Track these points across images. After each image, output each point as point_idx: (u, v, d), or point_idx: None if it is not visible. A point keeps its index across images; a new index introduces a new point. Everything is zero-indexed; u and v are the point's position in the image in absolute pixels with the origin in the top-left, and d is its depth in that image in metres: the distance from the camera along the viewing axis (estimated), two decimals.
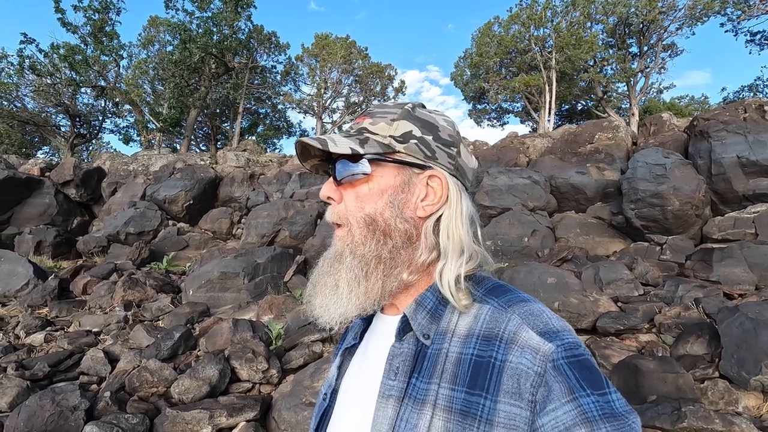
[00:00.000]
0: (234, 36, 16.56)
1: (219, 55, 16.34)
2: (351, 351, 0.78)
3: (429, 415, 0.58)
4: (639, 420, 0.53)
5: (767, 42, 17.26)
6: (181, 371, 3.86)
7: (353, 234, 0.68)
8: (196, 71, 16.49)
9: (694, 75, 51.64)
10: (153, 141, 18.98)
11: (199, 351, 4.47)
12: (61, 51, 15.73)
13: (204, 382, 3.56)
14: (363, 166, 0.67)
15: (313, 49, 20.54)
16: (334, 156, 0.73)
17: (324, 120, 21.76)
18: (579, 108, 21.89)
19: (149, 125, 18.16)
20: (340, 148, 0.65)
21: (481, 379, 0.57)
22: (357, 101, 22.04)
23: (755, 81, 19.46)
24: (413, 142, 0.68)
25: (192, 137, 19.24)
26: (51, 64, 16.01)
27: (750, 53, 18.04)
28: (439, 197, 0.68)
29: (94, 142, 22.58)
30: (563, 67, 17.08)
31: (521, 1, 18.09)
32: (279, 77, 21.43)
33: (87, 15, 16.05)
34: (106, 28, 16.39)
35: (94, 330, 5.37)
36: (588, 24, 17.50)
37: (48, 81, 16.16)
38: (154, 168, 12.94)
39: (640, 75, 17.45)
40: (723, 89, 27.82)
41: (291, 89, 21.89)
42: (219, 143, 21.05)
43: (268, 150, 20.85)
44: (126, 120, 21.22)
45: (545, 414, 0.53)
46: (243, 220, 10.44)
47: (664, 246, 7.03)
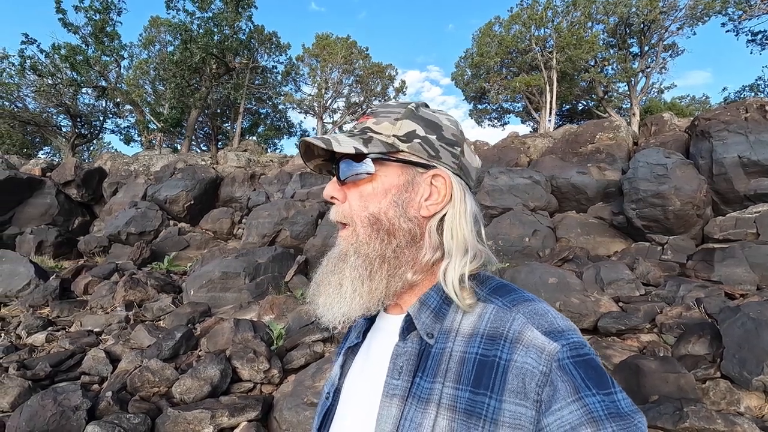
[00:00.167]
0: (235, 36, 16.57)
1: (220, 56, 16.35)
2: (354, 350, 0.77)
3: (433, 415, 0.58)
4: (645, 420, 0.53)
5: None
6: (183, 371, 3.86)
7: (357, 233, 0.68)
8: (196, 71, 16.51)
9: (695, 75, 51.63)
10: (154, 141, 19.00)
11: (201, 351, 4.48)
12: (63, 51, 15.74)
13: (205, 382, 3.57)
14: (367, 165, 0.67)
15: (314, 50, 20.55)
16: (337, 156, 0.74)
17: (325, 120, 21.78)
18: (580, 108, 21.87)
19: (150, 125, 18.18)
20: (344, 147, 0.65)
21: (486, 379, 0.57)
22: (358, 101, 22.05)
23: (756, 81, 19.46)
24: (417, 141, 0.68)
25: (193, 137, 19.25)
26: (52, 64, 16.03)
27: (751, 53, 18.07)
28: (443, 196, 0.68)
29: (95, 142, 22.60)
30: (564, 67, 17.07)
31: (522, 1, 18.09)
32: (280, 77, 21.46)
33: (88, 15, 16.07)
34: (107, 28, 16.41)
35: (95, 330, 5.38)
36: (589, 24, 17.49)
37: (49, 81, 16.18)
38: (155, 168, 12.95)
39: (641, 75, 17.44)
40: (724, 89, 27.75)
41: (292, 89, 21.93)
42: (220, 143, 21.06)
43: (268, 150, 20.86)
44: (127, 120, 21.27)
45: (551, 413, 0.53)
46: (244, 220, 10.44)
47: (665, 246, 7.02)
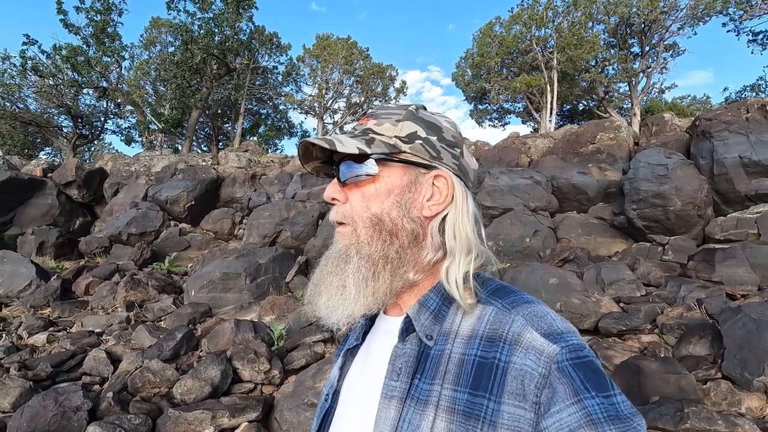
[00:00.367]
0: (235, 37, 16.59)
1: (220, 56, 16.37)
2: (353, 352, 0.77)
3: (432, 416, 0.58)
4: (644, 422, 0.53)
5: None
6: (184, 372, 3.86)
7: (358, 233, 0.68)
8: (197, 72, 16.53)
9: (695, 75, 51.57)
10: (155, 142, 19.02)
11: (201, 351, 4.48)
12: (64, 52, 15.77)
13: (206, 382, 3.57)
14: (370, 166, 0.67)
15: (315, 50, 20.57)
16: (336, 158, 0.74)
17: (325, 121, 21.80)
18: (580, 108, 21.86)
19: (151, 126, 18.21)
20: (347, 148, 0.65)
21: (485, 381, 0.57)
22: (358, 102, 22.06)
23: (757, 81, 19.43)
24: (418, 142, 0.68)
25: (194, 138, 19.28)
26: (53, 65, 16.06)
27: (752, 53, 18.11)
28: (445, 197, 0.68)
29: (96, 143, 22.65)
30: (565, 68, 17.06)
31: (522, 2, 18.09)
32: (280, 78, 21.48)
33: (89, 16, 16.09)
34: (108, 29, 16.43)
35: (96, 330, 5.38)
36: (589, 24, 17.49)
37: (50, 82, 16.21)
38: (155, 169, 12.96)
39: (641, 75, 17.43)
40: (725, 89, 27.83)
41: (292, 90, 21.95)
42: (220, 144, 21.10)
43: (269, 151, 20.86)
44: (128, 121, 21.29)
45: (549, 416, 0.53)
46: (244, 220, 10.45)
47: (666, 246, 7.00)
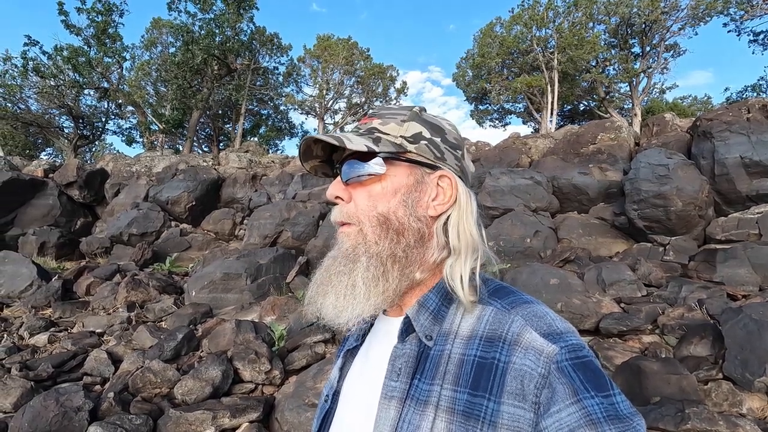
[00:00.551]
0: (236, 37, 16.62)
1: (221, 57, 16.39)
2: (353, 352, 0.78)
3: (431, 417, 0.58)
4: (644, 422, 0.53)
5: None
6: (184, 372, 3.87)
7: (365, 233, 0.67)
8: (198, 73, 16.56)
9: (696, 75, 51.55)
10: (156, 142, 19.06)
11: (202, 352, 4.48)
12: (65, 53, 15.81)
13: (207, 382, 3.57)
14: (377, 165, 0.67)
15: (315, 51, 20.59)
16: (335, 157, 0.74)
17: (326, 121, 21.81)
18: (581, 108, 21.86)
19: (152, 127, 18.24)
20: (355, 145, 0.65)
21: (484, 381, 0.57)
22: (359, 102, 22.08)
23: (758, 81, 19.39)
24: (423, 143, 0.69)
25: (194, 138, 19.30)
26: (54, 66, 16.09)
27: (753, 53, 18.10)
28: (449, 197, 0.69)
29: (97, 143, 22.70)
30: (565, 68, 17.07)
31: (523, 2, 18.09)
32: (281, 78, 21.51)
33: (90, 17, 16.13)
34: (109, 30, 16.47)
35: (97, 331, 5.39)
36: (590, 24, 17.49)
37: (51, 83, 16.24)
38: (156, 169, 12.97)
39: (642, 75, 17.43)
40: (726, 89, 27.79)
41: (293, 90, 21.98)
42: (221, 144, 21.13)
43: (270, 151, 20.90)
44: (129, 121, 21.33)
45: (549, 416, 0.53)
46: (245, 221, 10.46)
47: (667, 247, 6.99)
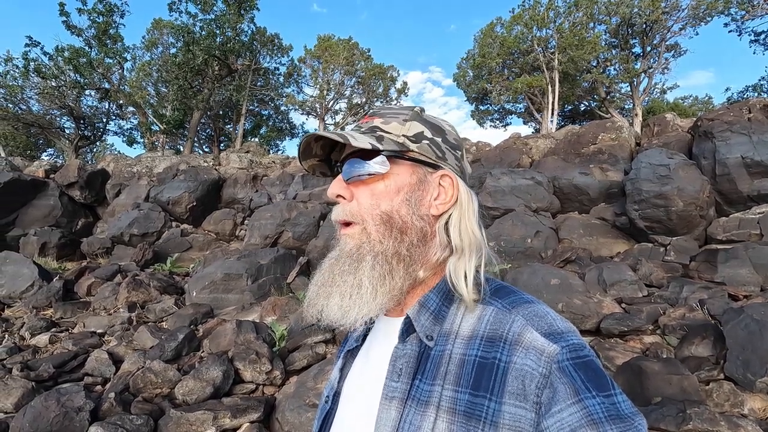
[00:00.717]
0: (237, 38, 16.63)
1: (222, 58, 16.40)
2: (353, 353, 0.77)
3: (432, 417, 0.58)
4: (645, 422, 0.53)
5: None
6: (185, 372, 3.87)
7: (369, 232, 0.67)
8: (199, 73, 16.57)
9: (697, 75, 51.50)
10: (156, 143, 19.08)
11: (203, 352, 4.49)
12: (66, 54, 15.83)
13: (208, 383, 3.57)
14: (380, 163, 0.67)
15: (316, 51, 20.61)
16: (334, 157, 0.75)
17: (327, 121, 21.82)
18: (582, 109, 21.84)
19: (153, 127, 18.26)
20: (360, 143, 0.64)
21: (486, 381, 0.57)
22: (359, 102, 22.09)
23: (760, 81, 19.35)
24: (425, 142, 0.69)
25: (195, 139, 19.33)
26: (55, 66, 16.12)
27: (754, 53, 18.04)
28: (451, 196, 0.69)
29: (98, 144, 22.73)
30: (566, 68, 17.06)
31: (524, 2, 18.08)
32: (282, 79, 21.52)
33: (91, 18, 16.15)
34: (110, 30, 16.49)
35: (98, 331, 5.40)
36: (591, 24, 17.48)
37: (53, 83, 16.27)
38: (157, 170, 12.99)
39: (643, 75, 17.41)
40: (727, 89, 27.74)
41: (294, 91, 22.00)
42: (222, 145, 21.14)
43: (270, 151, 20.90)
44: (130, 122, 21.36)
45: (550, 416, 0.53)
46: (246, 221, 10.47)
47: (668, 247, 6.98)
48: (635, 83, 17.36)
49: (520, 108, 21.84)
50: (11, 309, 6.34)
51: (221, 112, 20.86)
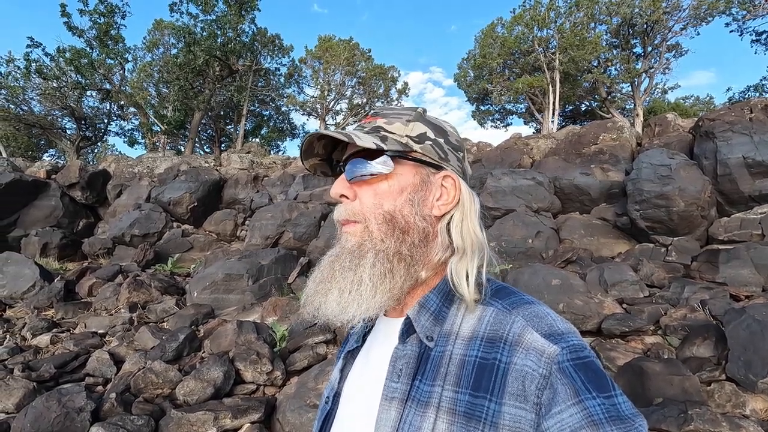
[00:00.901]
0: (238, 39, 16.65)
1: (223, 58, 16.43)
2: (353, 354, 0.77)
3: (433, 418, 0.58)
4: (645, 423, 0.53)
5: None
6: (186, 373, 3.87)
7: (371, 230, 0.67)
8: (200, 74, 16.60)
9: (698, 75, 51.44)
10: (158, 143, 19.11)
11: (204, 352, 4.49)
12: (67, 55, 15.87)
13: (209, 383, 3.57)
14: (384, 163, 0.67)
15: (317, 52, 20.62)
16: (335, 157, 0.75)
17: (327, 122, 21.82)
18: (583, 109, 21.82)
19: (154, 128, 18.28)
20: (365, 143, 0.64)
21: (486, 381, 0.57)
22: (360, 103, 22.10)
23: (761, 81, 19.30)
24: (428, 143, 0.69)
25: (196, 139, 19.35)
26: (57, 67, 16.16)
27: (755, 53, 17.98)
28: (453, 197, 0.69)
29: (99, 144, 22.76)
30: (567, 68, 17.03)
31: (525, 2, 18.07)
32: (283, 79, 21.54)
33: (92, 19, 16.19)
34: (111, 31, 16.52)
35: (99, 331, 5.40)
36: (592, 25, 17.45)
37: (54, 84, 16.31)
38: (158, 170, 13.01)
39: (644, 75, 17.38)
40: (728, 89, 27.60)
41: (294, 91, 22.01)
42: (223, 145, 21.16)
43: (271, 152, 20.91)
44: (131, 123, 21.41)
45: (551, 416, 0.53)
46: (247, 221, 10.48)
47: (669, 247, 6.97)
48: (636, 83, 17.34)
49: (521, 108, 21.83)
50: (13, 309, 6.36)
51: (222, 112, 20.89)
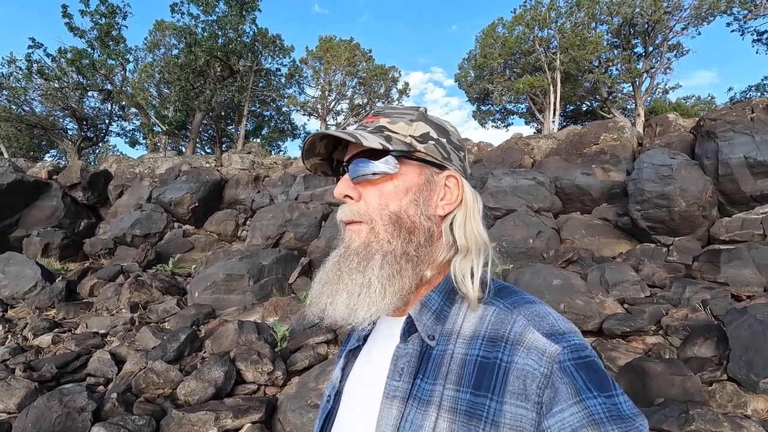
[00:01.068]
0: (239, 39, 16.66)
1: (224, 59, 16.44)
2: (355, 353, 0.78)
3: (434, 417, 0.58)
4: (646, 422, 0.53)
5: None
6: (187, 373, 3.88)
7: (377, 231, 0.67)
8: (201, 74, 16.62)
9: (700, 75, 51.35)
10: (159, 144, 19.12)
11: (205, 353, 4.49)
12: (69, 55, 15.89)
13: (210, 383, 3.58)
14: (390, 163, 0.67)
15: (318, 52, 20.62)
16: (336, 156, 0.75)
17: (328, 122, 21.82)
18: (584, 109, 21.79)
19: (155, 128, 18.29)
20: (371, 143, 0.64)
21: (487, 380, 0.57)
22: (361, 103, 22.10)
23: (762, 81, 19.26)
24: (431, 143, 0.69)
25: (197, 140, 19.37)
26: (58, 68, 16.19)
27: (757, 53, 17.98)
28: (456, 197, 0.69)
29: (100, 145, 22.76)
30: (568, 68, 17.01)
31: (525, 2, 18.06)
32: (283, 80, 21.53)
33: (94, 19, 16.21)
34: (112, 32, 16.54)
35: (100, 332, 5.41)
36: (592, 24, 17.43)
37: (55, 85, 16.35)
38: (159, 170, 13.02)
39: (645, 75, 17.36)
40: (730, 89, 27.55)
41: (295, 92, 22.01)
42: (224, 146, 21.17)
43: (272, 152, 20.92)
44: (132, 123, 21.44)
45: (552, 416, 0.53)
46: (248, 222, 10.48)
47: (670, 247, 6.96)
48: (637, 83, 17.31)
49: (521, 108, 21.81)
50: (14, 309, 6.37)
51: (223, 113, 20.91)
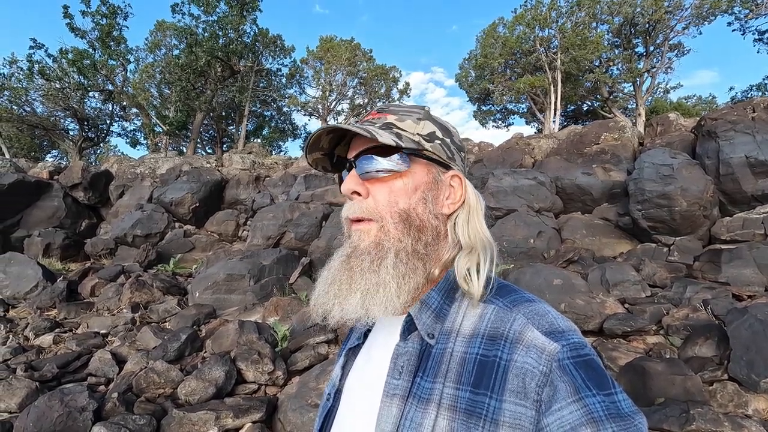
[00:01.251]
0: (239, 39, 16.67)
1: (225, 59, 16.45)
2: (355, 351, 0.78)
3: (434, 415, 0.58)
4: (645, 421, 0.53)
5: None
6: (188, 372, 3.88)
7: (388, 229, 0.67)
8: (202, 75, 16.63)
9: (701, 74, 51.29)
10: (160, 144, 19.14)
11: (206, 352, 4.50)
12: (70, 56, 15.92)
13: (210, 383, 3.58)
14: (401, 161, 0.67)
15: (318, 52, 20.63)
16: (338, 152, 0.76)
17: (329, 122, 21.82)
18: (585, 108, 21.78)
19: (156, 128, 18.32)
20: (385, 139, 0.64)
21: (486, 379, 0.57)
22: (362, 103, 22.10)
23: (763, 80, 19.23)
24: (438, 142, 0.70)
25: (198, 140, 19.39)
26: (60, 68, 16.21)
27: (758, 52, 17.92)
28: (459, 196, 0.70)
29: (101, 145, 22.79)
30: (568, 68, 17.00)
31: (526, 2, 18.05)
32: (284, 80, 21.55)
33: (95, 20, 16.24)
34: (113, 32, 16.57)
35: (101, 331, 5.42)
36: (593, 24, 17.42)
37: (57, 85, 16.37)
38: (160, 171, 13.03)
39: (646, 75, 17.34)
40: (731, 89, 27.56)
41: (296, 92, 22.02)
42: (225, 146, 21.20)
43: (273, 152, 20.93)
44: (133, 123, 21.46)
45: (551, 414, 0.53)
46: (248, 222, 10.49)
47: (671, 247, 6.95)
48: (638, 83, 17.30)
49: (522, 108, 21.80)
50: (16, 309, 6.38)
51: (224, 113, 20.93)
